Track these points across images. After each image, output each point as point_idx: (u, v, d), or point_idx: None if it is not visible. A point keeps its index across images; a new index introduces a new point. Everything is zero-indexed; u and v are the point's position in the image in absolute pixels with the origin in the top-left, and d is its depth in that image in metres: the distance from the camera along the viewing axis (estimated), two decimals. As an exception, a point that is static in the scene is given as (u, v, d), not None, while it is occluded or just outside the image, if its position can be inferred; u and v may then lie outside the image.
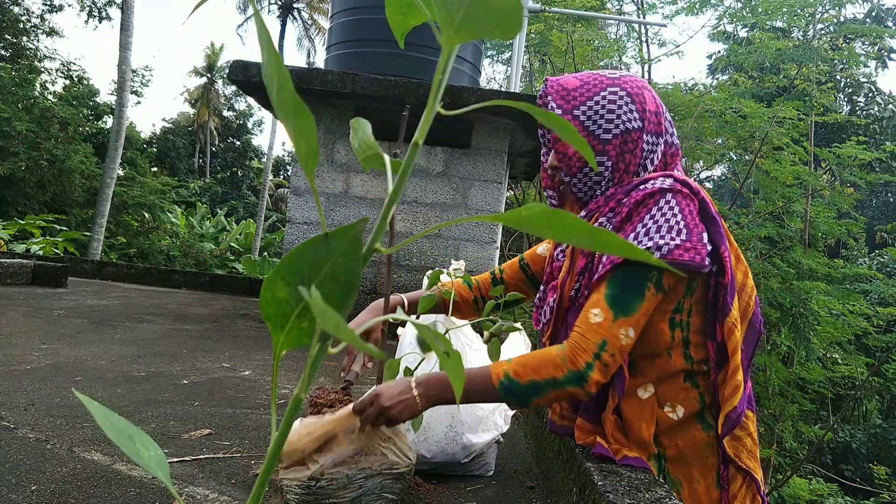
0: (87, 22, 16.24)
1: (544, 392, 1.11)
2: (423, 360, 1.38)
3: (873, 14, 15.80)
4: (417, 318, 1.45)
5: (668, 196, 1.14)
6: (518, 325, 1.46)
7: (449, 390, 1.15)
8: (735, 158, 7.92)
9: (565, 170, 1.26)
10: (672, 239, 1.11)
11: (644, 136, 1.21)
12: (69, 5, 16.13)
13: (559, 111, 1.21)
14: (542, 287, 1.39)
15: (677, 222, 1.12)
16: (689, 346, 1.19)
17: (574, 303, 1.24)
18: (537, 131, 1.48)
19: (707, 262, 1.11)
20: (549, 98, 1.24)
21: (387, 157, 0.45)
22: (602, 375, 1.11)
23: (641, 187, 1.17)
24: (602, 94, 1.21)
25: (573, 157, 1.23)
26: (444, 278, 1.56)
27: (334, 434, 1.19)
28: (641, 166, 1.22)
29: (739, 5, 7.20)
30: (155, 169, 26.01)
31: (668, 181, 1.16)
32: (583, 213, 1.24)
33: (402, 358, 1.36)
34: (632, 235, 1.13)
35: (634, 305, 1.11)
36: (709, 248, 1.13)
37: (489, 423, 1.52)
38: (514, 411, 1.56)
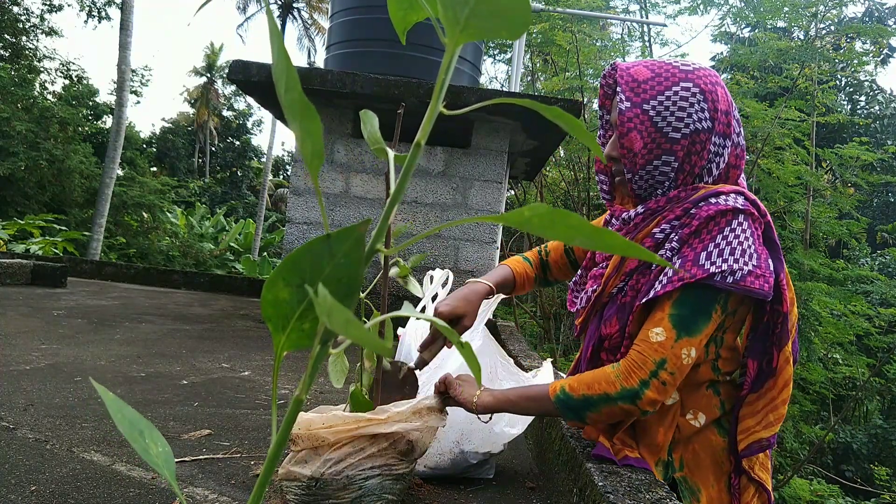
0: (86, 22, 16.23)
1: (597, 407, 1.12)
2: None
3: (870, 14, 15.76)
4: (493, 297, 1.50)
5: (741, 217, 1.10)
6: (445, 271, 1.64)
7: (507, 408, 1.24)
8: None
9: (627, 165, 1.18)
10: (745, 264, 1.08)
11: (713, 137, 1.14)
12: (68, 5, 16.14)
13: (627, 103, 1.14)
14: (580, 271, 1.36)
15: (749, 246, 1.09)
16: (717, 360, 1.19)
17: (614, 300, 1.21)
18: (537, 127, 1.50)
19: (772, 291, 1.10)
20: (619, 88, 1.16)
21: (391, 153, 0.44)
22: (658, 394, 1.10)
23: (713, 201, 1.11)
24: (674, 88, 1.13)
25: (639, 153, 1.15)
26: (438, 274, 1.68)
27: (360, 435, 1.19)
28: (706, 169, 1.17)
29: (742, 5, 7.19)
30: (154, 169, 26.04)
31: (741, 200, 1.11)
32: (640, 210, 1.19)
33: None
34: (703, 254, 1.09)
35: (700, 326, 1.10)
36: (774, 275, 1.11)
37: (496, 436, 1.52)
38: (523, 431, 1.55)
